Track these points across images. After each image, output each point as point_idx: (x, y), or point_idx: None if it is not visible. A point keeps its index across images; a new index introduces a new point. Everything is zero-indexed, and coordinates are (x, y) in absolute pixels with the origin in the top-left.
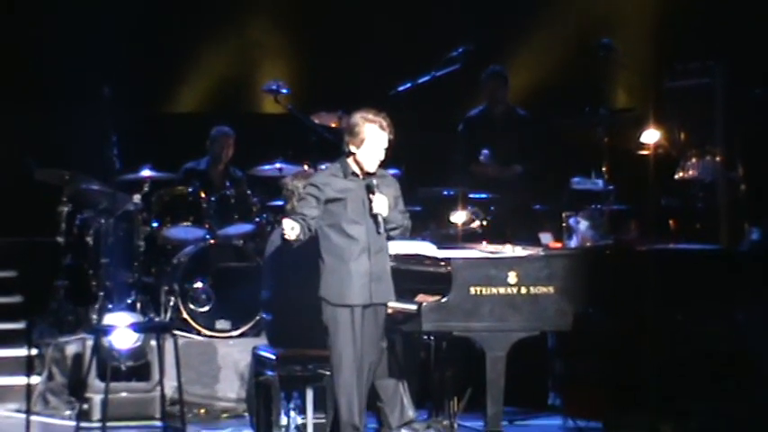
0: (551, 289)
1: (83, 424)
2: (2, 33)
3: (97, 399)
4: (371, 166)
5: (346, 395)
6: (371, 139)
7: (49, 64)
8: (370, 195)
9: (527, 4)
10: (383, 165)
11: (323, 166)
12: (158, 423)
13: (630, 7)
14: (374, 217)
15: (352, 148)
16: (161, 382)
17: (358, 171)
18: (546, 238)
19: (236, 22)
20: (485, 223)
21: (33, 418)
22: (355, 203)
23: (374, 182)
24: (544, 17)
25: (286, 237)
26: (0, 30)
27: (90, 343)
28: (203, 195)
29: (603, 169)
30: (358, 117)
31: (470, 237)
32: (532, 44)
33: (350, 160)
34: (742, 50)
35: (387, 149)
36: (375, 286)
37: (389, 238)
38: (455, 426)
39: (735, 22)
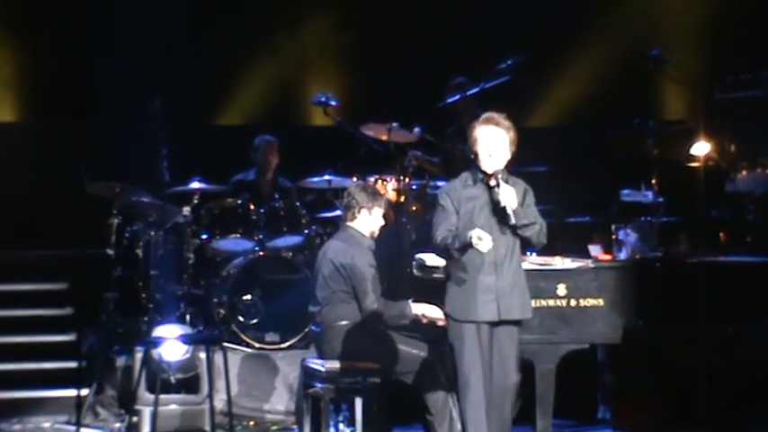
0: (601, 301)
1: None
2: (52, 47)
3: (147, 411)
4: (488, 166)
5: (475, 421)
6: (483, 137)
7: (99, 77)
8: (496, 189)
9: (577, 15)
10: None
11: (371, 178)
12: None
13: (681, 19)
14: (502, 210)
15: (474, 152)
16: (210, 395)
17: (502, 183)
18: (595, 250)
19: (284, 35)
20: None
21: (83, 430)
22: (483, 213)
23: (500, 175)
24: (594, 29)
25: (480, 248)
26: (51, 43)
27: (140, 355)
28: (252, 207)
29: (653, 181)
30: (479, 120)
31: None
32: (582, 56)
33: (476, 167)
34: None
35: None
36: (503, 302)
37: (524, 243)
38: None
39: None
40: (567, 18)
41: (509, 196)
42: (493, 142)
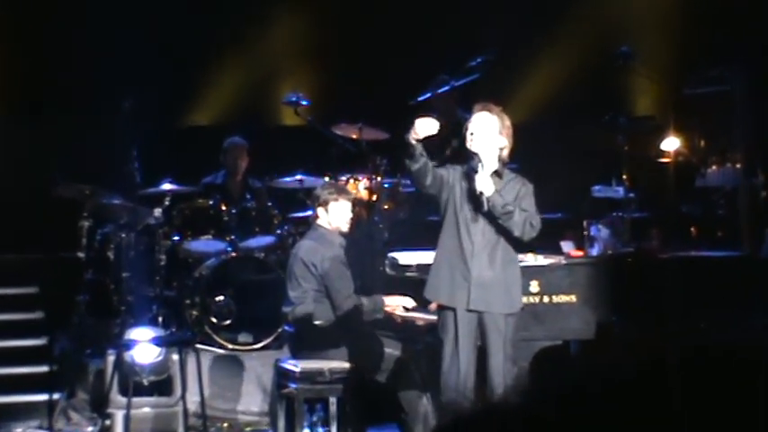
0: (574, 297)
1: None
2: (22, 46)
3: (119, 414)
4: (476, 146)
5: (448, 415)
6: (473, 120)
7: (70, 78)
8: (473, 174)
9: (546, 12)
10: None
11: (343, 177)
12: None
13: (650, 15)
14: (479, 195)
15: (468, 138)
16: (183, 397)
17: (479, 166)
18: (567, 246)
19: (255, 35)
20: None
21: None
22: (470, 201)
23: (479, 162)
24: (563, 26)
25: (423, 131)
26: (20, 42)
27: (112, 358)
28: (224, 208)
29: (624, 177)
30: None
31: None
32: (552, 53)
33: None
34: (761, 58)
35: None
36: (476, 291)
37: (512, 240)
38: None
39: (754, 30)
40: (536, 15)
41: (484, 183)
42: (478, 124)
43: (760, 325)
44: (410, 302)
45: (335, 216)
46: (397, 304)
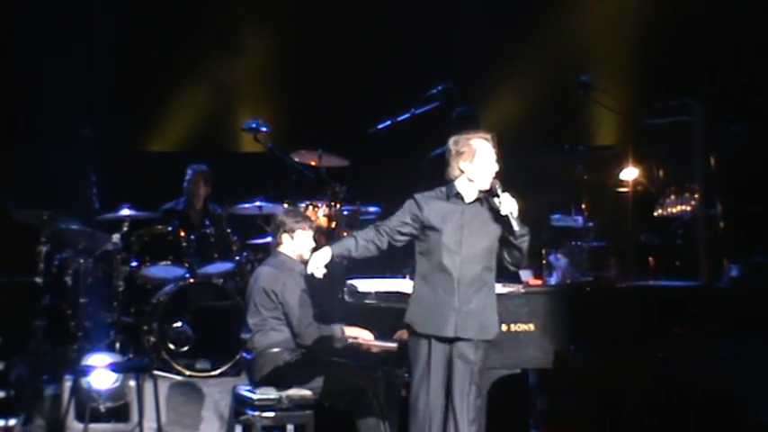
0: (532, 326)
1: None
2: None
3: None
4: (484, 182)
5: None
6: (482, 152)
7: (28, 104)
8: (497, 198)
9: (506, 42)
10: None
11: (303, 204)
12: None
13: (610, 46)
14: (505, 217)
15: (463, 166)
16: (140, 423)
17: (463, 193)
18: (526, 275)
19: (215, 61)
20: None
21: None
22: (453, 230)
23: (498, 184)
24: (523, 56)
25: (309, 271)
26: None
27: (69, 384)
28: (183, 234)
29: (583, 206)
30: (465, 136)
31: None
32: (512, 81)
33: (457, 182)
34: (719, 88)
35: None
36: (462, 319)
37: (490, 267)
38: None
39: (712, 61)
40: (496, 45)
41: (510, 203)
42: (492, 160)
43: (719, 355)
44: (369, 336)
45: (301, 244)
46: (358, 335)
